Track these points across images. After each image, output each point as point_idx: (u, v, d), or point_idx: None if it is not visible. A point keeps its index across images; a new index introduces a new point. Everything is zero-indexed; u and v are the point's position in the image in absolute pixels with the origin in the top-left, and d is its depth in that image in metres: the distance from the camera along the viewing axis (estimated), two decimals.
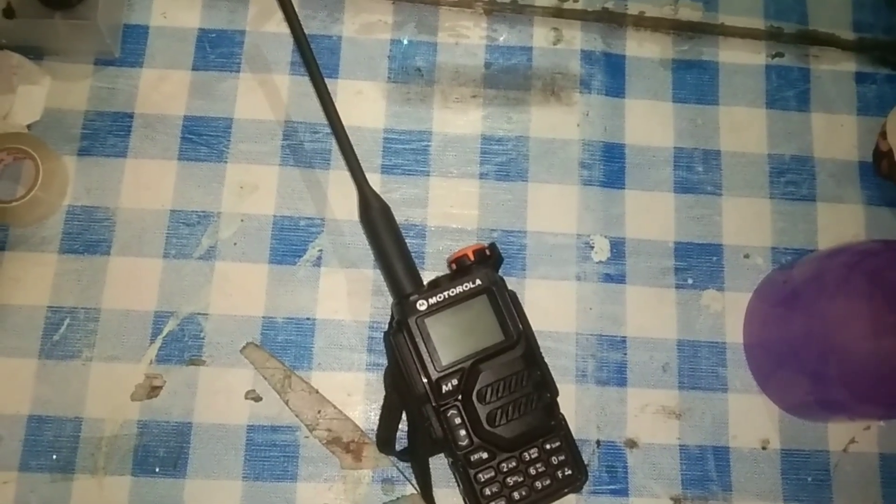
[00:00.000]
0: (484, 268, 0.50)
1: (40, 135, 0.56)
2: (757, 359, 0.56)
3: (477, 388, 0.48)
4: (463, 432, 0.48)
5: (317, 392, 0.53)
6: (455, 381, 0.48)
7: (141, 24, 0.59)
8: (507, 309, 0.49)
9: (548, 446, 0.49)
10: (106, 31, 0.56)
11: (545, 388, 0.49)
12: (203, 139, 0.57)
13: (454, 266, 0.51)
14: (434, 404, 0.48)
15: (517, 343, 0.49)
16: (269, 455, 0.52)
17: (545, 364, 0.50)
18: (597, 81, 0.61)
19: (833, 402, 0.52)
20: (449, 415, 0.48)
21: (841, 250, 0.54)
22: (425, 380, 0.48)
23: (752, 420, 0.55)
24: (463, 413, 0.48)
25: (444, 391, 0.48)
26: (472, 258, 0.50)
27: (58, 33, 0.55)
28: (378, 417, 0.52)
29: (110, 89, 0.58)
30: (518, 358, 0.49)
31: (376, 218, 0.51)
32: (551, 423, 0.49)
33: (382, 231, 0.51)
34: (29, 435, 0.52)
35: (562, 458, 0.49)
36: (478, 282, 0.49)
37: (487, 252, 0.51)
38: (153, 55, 0.59)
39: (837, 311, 0.50)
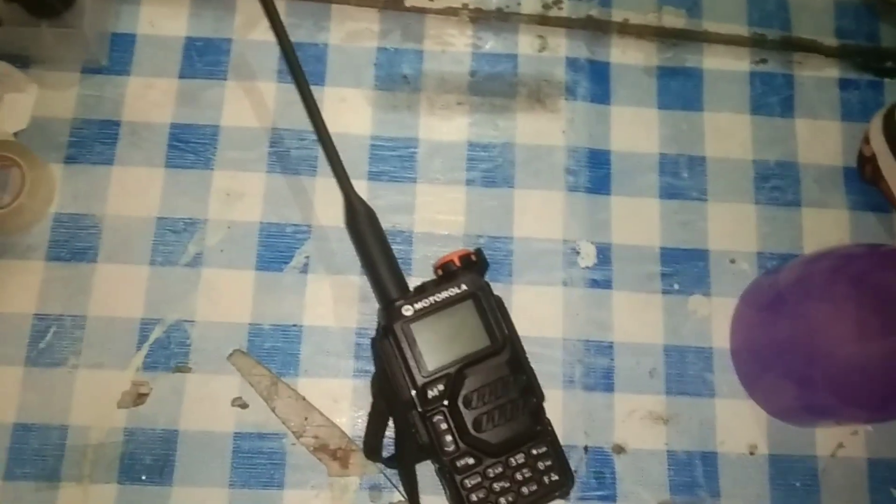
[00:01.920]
0: (470, 273, 0.50)
1: (27, 142, 0.56)
2: (744, 364, 0.56)
3: (463, 393, 0.48)
4: (449, 438, 0.48)
5: (303, 399, 0.53)
6: (441, 387, 0.48)
7: (128, 33, 0.59)
8: (493, 314, 0.49)
9: (534, 451, 0.49)
10: (93, 39, 0.56)
11: (531, 393, 0.49)
12: (190, 146, 0.57)
13: (440, 272, 0.51)
14: (420, 410, 0.48)
15: (503, 348, 0.49)
16: (256, 462, 0.52)
17: (531, 369, 0.50)
18: (582, 88, 0.61)
19: (819, 406, 0.53)
20: (435, 420, 0.48)
21: (826, 254, 0.55)
22: (411, 385, 0.48)
23: (739, 425, 0.55)
24: (449, 419, 0.48)
25: (429, 397, 0.48)
26: (457, 263, 0.50)
27: (45, 41, 0.55)
28: (365, 424, 0.52)
29: (97, 97, 0.58)
30: (504, 363, 0.49)
31: (362, 224, 0.52)
32: (537, 429, 0.49)
33: (369, 237, 0.51)
34: (14, 443, 0.51)
35: (548, 463, 0.49)
36: (463, 287, 0.49)
37: (473, 257, 0.51)
38: (140, 63, 0.59)
39: (822, 314, 0.50)
